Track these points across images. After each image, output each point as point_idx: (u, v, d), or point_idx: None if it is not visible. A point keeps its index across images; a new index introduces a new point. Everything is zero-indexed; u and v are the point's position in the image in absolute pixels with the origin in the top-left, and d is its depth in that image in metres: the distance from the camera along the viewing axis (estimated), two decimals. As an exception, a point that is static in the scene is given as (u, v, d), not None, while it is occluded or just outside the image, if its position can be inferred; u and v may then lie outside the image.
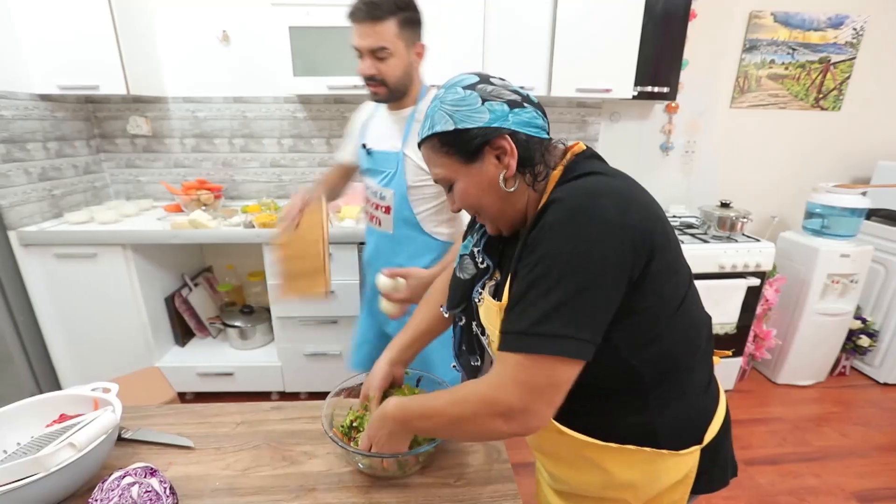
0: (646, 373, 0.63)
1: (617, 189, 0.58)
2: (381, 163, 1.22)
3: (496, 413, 0.57)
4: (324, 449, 0.87)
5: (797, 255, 2.28)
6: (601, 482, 0.71)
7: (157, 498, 0.70)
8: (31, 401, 0.88)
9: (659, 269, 0.58)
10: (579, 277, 0.53)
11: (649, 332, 0.61)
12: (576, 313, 0.53)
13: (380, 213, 1.26)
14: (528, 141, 0.63)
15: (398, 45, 1.07)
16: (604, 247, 0.53)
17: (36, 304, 1.86)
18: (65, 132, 2.04)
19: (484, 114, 0.61)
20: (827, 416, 2.17)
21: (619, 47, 1.95)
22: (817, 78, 2.46)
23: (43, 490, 0.71)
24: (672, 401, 0.66)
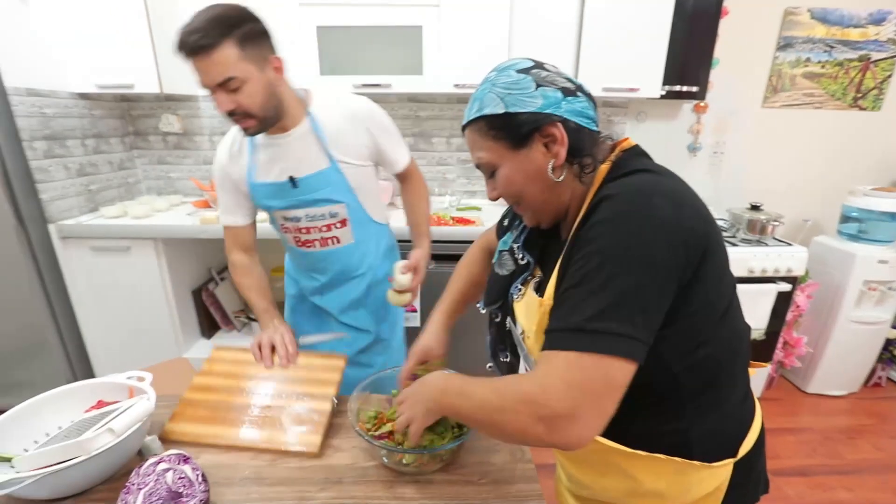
0: (686, 381, 0.60)
1: (670, 189, 0.56)
2: (314, 186, 1.09)
3: (539, 417, 0.51)
4: (349, 443, 0.88)
5: (832, 260, 2.20)
6: (627, 489, 0.69)
7: (189, 484, 0.72)
8: (70, 387, 0.92)
9: (707, 274, 0.55)
10: (634, 275, 0.51)
11: (695, 340, 0.58)
12: (632, 311, 0.51)
13: (336, 231, 1.16)
14: (579, 131, 0.61)
15: (247, 69, 0.90)
16: (658, 246, 0.51)
17: (72, 295, 1.94)
18: (101, 129, 2.12)
19: (537, 99, 0.59)
20: (860, 428, 2.09)
21: (647, 46, 1.91)
22: (856, 76, 2.37)
23: (83, 472, 0.74)
24: (709, 411, 0.63)
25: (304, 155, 1.06)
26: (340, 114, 1.07)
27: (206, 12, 0.86)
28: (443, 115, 2.33)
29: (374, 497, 0.76)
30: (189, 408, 0.94)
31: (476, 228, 1.90)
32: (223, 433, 0.88)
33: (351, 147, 1.09)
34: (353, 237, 1.20)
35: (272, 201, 1.12)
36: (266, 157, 1.08)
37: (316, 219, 1.13)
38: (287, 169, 1.07)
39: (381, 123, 1.15)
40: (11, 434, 0.81)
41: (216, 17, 0.86)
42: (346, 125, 1.07)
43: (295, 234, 1.18)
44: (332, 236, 1.17)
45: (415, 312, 1.97)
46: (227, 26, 0.86)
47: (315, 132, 1.05)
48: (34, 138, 1.75)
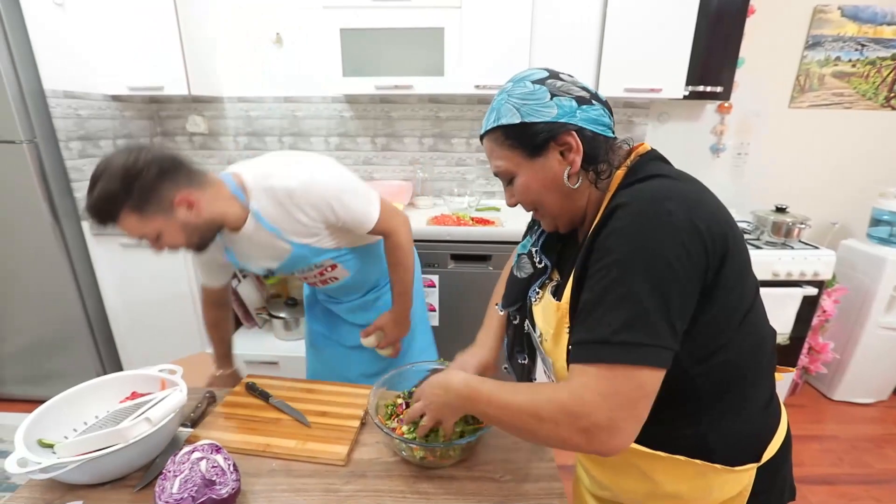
0: (706, 385, 0.60)
1: (683, 192, 0.56)
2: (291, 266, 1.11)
3: (579, 428, 0.53)
4: (373, 438, 0.90)
5: (861, 264, 2.14)
6: (646, 491, 0.69)
7: (222, 473, 0.74)
8: (106, 378, 0.96)
9: (727, 278, 0.55)
10: (655, 283, 0.51)
11: (713, 343, 0.58)
12: (656, 320, 0.51)
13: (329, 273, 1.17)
14: (594, 138, 0.62)
15: (153, 225, 0.87)
16: (676, 252, 0.52)
17: (103, 290, 2.01)
18: (131, 130, 2.19)
19: (552, 108, 0.60)
20: (890, 437, 2.03)
21: (670, 45, 1.89)
22: (889, 75, 2.30)
23: (121, 459, 0.77)
24: (730, 415, 0.63)
25: (265, 246, 1.03)
26: (271, 201, 0.96)
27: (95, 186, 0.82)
28: (463, 116, 2.34)
29: (396, 490, 0.78)
30: (219, 419, 0.96)
31: (495, 229, 1.90)
32: (251, 440, 0.89)
33: (305, 227, 1.00)
34: (348, 270, 1.19)
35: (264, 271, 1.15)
36: (237, 249, 1.07)
37: (305, 271, 1.16)
38: (258, 259, 1.09)
39: (321, 201, 0.97)
40: (52, 422, 0.85)
41: (104, 197, 0.81)
42: (280, 212, 0.97)
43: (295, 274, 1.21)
44: (329, 277, 1.19)
45: (434, 311, 1.98)
46: (116, 202, 0.82)
47: (264, 227, 0.98)
48: (70, 139, 1.82)
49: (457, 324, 2.00)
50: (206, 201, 0.92)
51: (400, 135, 2.38)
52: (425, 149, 2.41)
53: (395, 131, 2.38)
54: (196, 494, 0.70)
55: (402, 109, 2.33)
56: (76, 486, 0.78)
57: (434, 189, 2.46)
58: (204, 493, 0.70)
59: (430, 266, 1.92)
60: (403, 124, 2.36)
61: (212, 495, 0.71)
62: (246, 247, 1.05)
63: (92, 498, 0.76)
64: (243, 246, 1.05)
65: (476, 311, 2.00)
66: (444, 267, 1.92)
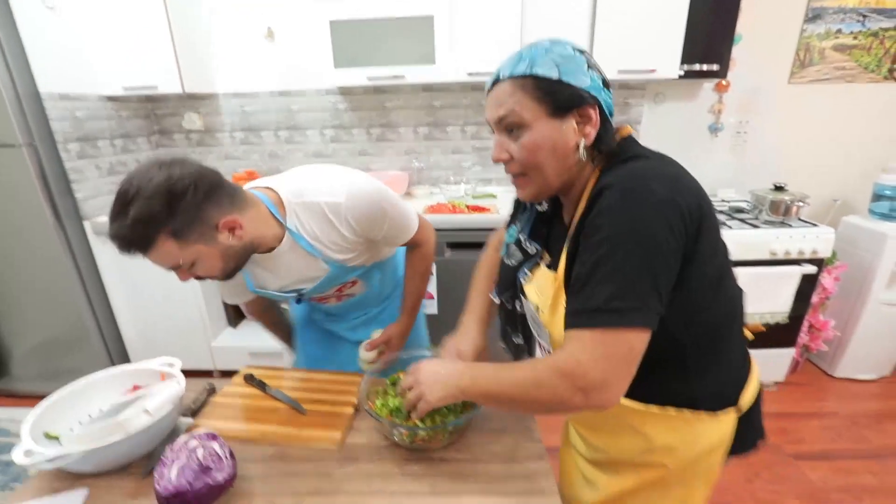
0: (689, 343, 0.67)
1: (663, 172, 0.61)
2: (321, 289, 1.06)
3: (577, 387, 0.59)
4: (366, 424, 0.93)
5: (862, 241, 2.12)
6: (641, 448, 0.74)
7: (219, 460, 0.77)
8: (108, 372, 0.99)
9: (703, 247, 0.61)
10: (641, 254, 0.57)
11: (695, 307, 0.64)
12: (643, 288, 0.57)
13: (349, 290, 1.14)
14: (606, 121, 0.65)
15: (192, 251, 0.79)
16: (660, 226, 0.57)
17: (108, 288, 2.06)
18: (128, 130, 2.21)
19: (587, 79, 0.62)
20: (890, 412, 2.03)
21: (664, 24, 1.86)
22: (892, 47, 2.24)
23: (123, 449, 0.80)
24: (711, 369, 0.70)
25: (298, 268, 0.97)
26: (313, 217, 0.91)
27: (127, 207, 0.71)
28: (458, 104, 2.33)
29: (387, 473, 0.80)
30: (218, 408, 0.99)
31: (491, 216, 1.91)
32: (249, 428, 0.92)
33: (339, 244, 0.95)
34: (365, 288, 1.17)
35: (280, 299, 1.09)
36: (260, 271, 1.00)
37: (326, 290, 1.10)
38: (286, 282, 1.01)
39: (362, 217, 0.93)
40: (58, 415, 0.88)
41: (142, 220, 0.71)
42: (323, 228, 0.92)
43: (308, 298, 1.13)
44: (347, 293, 1.16)
45: (432, 300, 2.01)
46: (155, 226, 0.73)
47: (301, 245, 0.92)
48: (68, 140, 1.85)
49: (455, 311, 1.99)
50: (248, 223, 0.83)
51: (395, 125, 2.38)
52: (421, 138, 2.40)
53: (390, 121, 2.38)
54: (193, 480, 0.73)
55: (396, 99, 2.33)
56: (82, 475, 0.82)
57: (430, 178, 2.46)
58: (200, 479, 0.73)
59: (426, 255, 1.94)
60: (398, 114, 2.36)
61: (208, 481, 0.73)
62: (275, 267, 0.97)
63: (97, 486, 0.80)
64: (273, 266, 0.97)
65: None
66: (441, 255, 1.93)
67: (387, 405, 0.87)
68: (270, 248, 0.92)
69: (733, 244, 1.89)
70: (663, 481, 0.76)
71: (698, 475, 0.76)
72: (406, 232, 1.03)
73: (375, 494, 0.76)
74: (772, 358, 2.13)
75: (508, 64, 0.65)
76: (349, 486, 0.78)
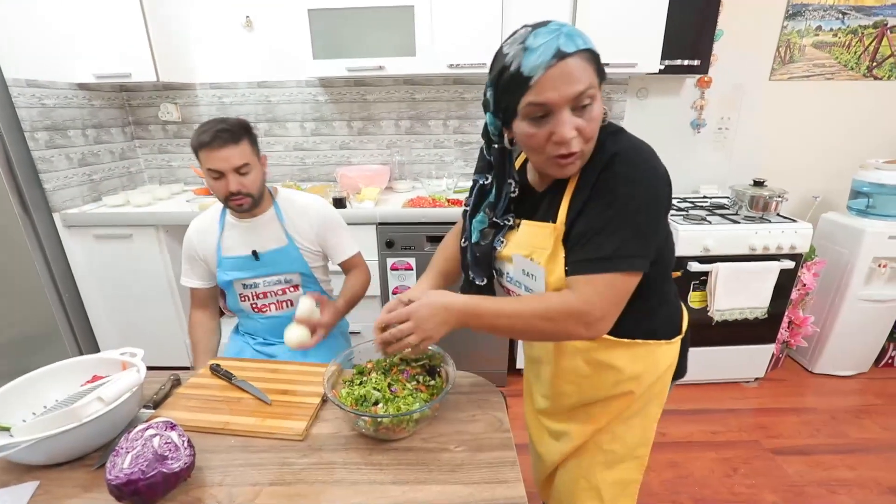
0: (650, 283, 0.77)
1: (652, 150, 0.73)
2: (274, 259, 1.31)
3: (585, 322, 0.70)
4: (332, 413, 0.91)
5: (840, 236, 2.14)
6: (614, 380, 0.87)
7: (175, 449, 0.74)
8: (67, 362, 0.96)
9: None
10: (649, 213, 0.70)
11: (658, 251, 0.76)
12: (645, 240, 0.70)
13: (291, 295, 1.36)
14: None
15: (254, 160, 1.20)
16: (660, 193, 0.71)
17: (79, 282, 2.00)
18: (102, 119, 2.16)
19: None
20: (868, 408, 2.05)
21: (644, 18, 1.86)
22: (871, 44, 2.27)
23: (76, 438, 0.77)
24: (663, 303, 0.88)
25: (267, 235, 1.30)
26: (296, 206, 1.33)
27: (226, 120, 1.17)
28: (440, 97, 2.31)
29: (351, 463, 0.78)
30: (181, 399, 0.97)
31: (471, 209, 1.89)
32: (211, 419, 0.89)
33: (304, 233, 1.32)
34: None
35: (237, 273, 1.31)
36: (235, 235, 1.30)
37: (272, 284, 1.33)
38: (251, 244, 1.29)
39: (327, 221, 1.34)
40: (11, 406, 0.85)
41: (239, 123, 1.18)
42: (301, 217, 1.32)
43: (252, 300, 1.35)
44: (287, 299, 1.36)
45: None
46: (246, 130, 1.19)
47: (278, 218, 1.30)
48: (35, 129, 1.79)
49: (436, 306, 2.00)
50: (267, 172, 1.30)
51: (376, 118, 2.36)
52: (402, 131, 2.38)
53: (371, 114, 2.35)
54: (146, 469, 0.70)
55: (377, 92, 2.31)
56: (34, 468, 0.78)
57: (412, 172, 2.44)
58: (154, 468, 0.70)
59: (406, 249, 1.91)
60: (379, 107, 2.34)
61: (162, 469, 0.71)
62: (250, 231, 1.29)
63: (49, 478, 0.77)
64: (248, 230, 1.29)
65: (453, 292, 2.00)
66: (420, 249, 1.91)
67: (352, 394, 0.85)
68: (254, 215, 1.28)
69: (713, 240, 1.90)
70: (629, 409, 0.90)
71: (654, 397, 0.91)
72: (345, 250, 1.38)
73: (336, 484, 0.74)
74: (752, 354, 2.14)
75: (564, 41, 0.64)
76: (310, 476, 0.76)
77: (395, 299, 0.88)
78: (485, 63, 1.91)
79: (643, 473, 0.97)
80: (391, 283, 1.97)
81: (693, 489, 1.62)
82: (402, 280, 1.95)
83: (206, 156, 1.15)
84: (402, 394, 0.84)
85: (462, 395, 0.95)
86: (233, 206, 1.23)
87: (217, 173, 1.17)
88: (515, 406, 2.02)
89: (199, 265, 1.35)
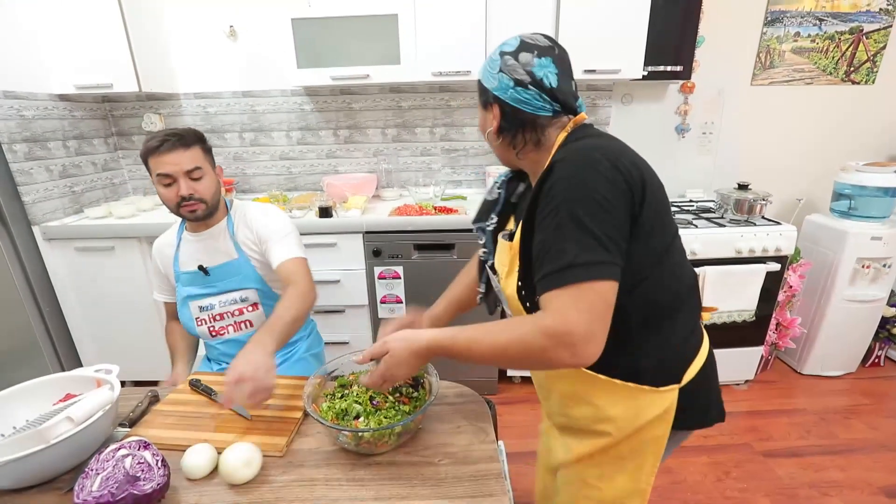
0: (633, 315, 0.72)
1: (607, 146, 0.69)
2: (225, 274, 1.24)
3: (565, 344, 0.61)
4: (314, 428, 0.89)
5: (824, 238, 2.16)
6: (592, 416, 0.81)
7: (148, 469, 0.72)
8: (39, 381, 0.93)
9: (647, 217, 0.68)
10: (596, 213, 0.63)
11: (637, 277, 0.70)
12: (605, 241, 0.63)
13: (248, 315, 1.27)
14: (517, 113, 0.75)
15: (206, 166, 1.17)
16: (607, 186, 0.64)
17: (60, 295, 1.96)
18: (83, 131, 2.13)
19: (494, 81, 0.76)
20: (856, 408, 2.06)
21: (627, 25, 1.88)
22: (848, 49, 2.32)
23: (46, 461, 0.74)
24: (654, 341, 0.76)
25: (217, 248, 1.25)
26: (242, 215, 1.29)
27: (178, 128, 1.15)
28: (425, 105, 2.32)
29: (332, 479, 0.76)
30: (159, 417, 0.94)
31: (458, 217, 1.89)
32: (189, 436, 0.87)
33: (249, 242, 1.26)
34: (265, 317, 1.27)
35: (190, 289, 1.26)
36: (188, 250, 1.26)
37: (228, 304, 1.27)
38: (200, 259, 1.25)
39: (266, 221, 1.27)
40: (-23, 428, 0.82)
41: (190, 130, 1.16)
42: (246, 224, 1.27)
43: (210, 323, 1.27)
44: (245, 320, 1.28)
45: (400, 304, 1.97)
46: (198, 138, 1.17)
47: (229, 230, 1.26)
48: (13, 141, 1.76)
49: (425, 314, 1.98)
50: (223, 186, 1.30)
51: (363, 126, 2.35)
52: (389, 140, 2.38)
53: (357, 123, 2.35)
54: (116, 491, 0.67)
55: (363, 100, 2.30)
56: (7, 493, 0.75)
57: (399, 180, 2.43)
58: (125, 490, 0.68)
59: (394, 257, 1.90)
60: (366, 115, 2.33)
61: (133, 491, 0.68)
62: (202, 245, 1.25)
63: (16, 503, 0.74)
64: (199, 244, 1.25)
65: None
66: (408, 258, 1.90)
67: (333, 408, 0.83)
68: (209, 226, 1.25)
69: (700, 243, 1.91)
70: (614, 450, 0.82)
71: (645, 446, 0.81)
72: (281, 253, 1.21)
73: (316, 502, 0.72)
74: (741, 356, 2.14)
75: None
76: (290, 494, 0.74)
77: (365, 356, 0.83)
78: (469, 70, 1.92)
79: None
80: (379, 293, 1.95)
81: (686, 494, 1.61)
82: (389, 289, 1.94)
83: (156, 161, 1.10)
84: (383, 406, 0.82)
85: (447, 406, 0.94)
86: (185, 214, 1.17)
87: (167, 178, 1.11)
88: (506, 415, 2.01)
89: (164, 280, 1.34)
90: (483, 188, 2.43)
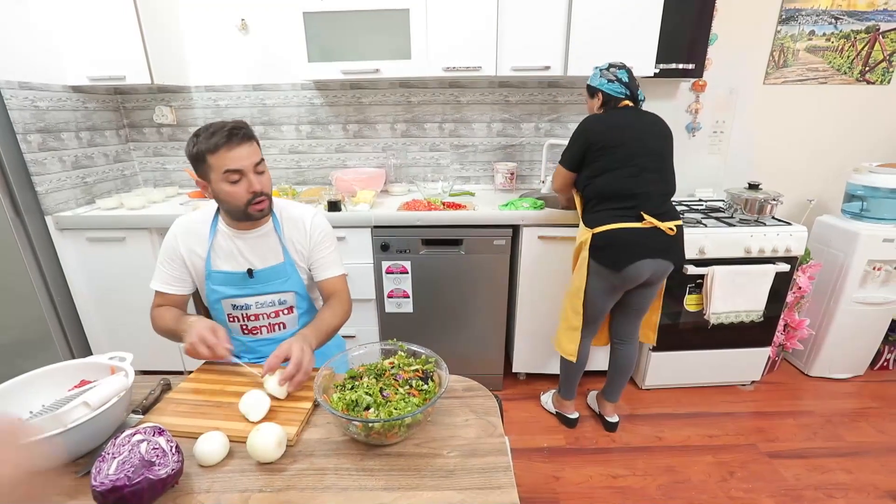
0: (586, 197, 1.65)
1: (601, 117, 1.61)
2: (269, 277, 1.19)
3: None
4: (325, 419, 0.90)
5: (835, 240, 2.14)
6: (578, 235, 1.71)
7: (163, 454, 0.73)
8: (54, 367, 0.94)
9: (589, 158, 1.59)
10: (570, 147, 1.64)
11: (584, 181, 1.63)
12: (568, 156, 1.65)
13: (284, 317, 1.24)
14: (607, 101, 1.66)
15: (263, 163, 1.12)
16: (579, 137, 1.61)
17: (72, 285, 1.98)
18: (96, 122, 2.14)
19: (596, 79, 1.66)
20: (864, 411, 2.05)
21: (639, 22, 1.87)
22: (863, 49, 2.29)
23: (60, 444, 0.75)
24: (591, 210, 1.62)
25: (264, 250, 1.19)
26: (291, 217, 1.22)
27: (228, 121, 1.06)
28: (435, 101, 2.31)
29: (342, 468, 0.77)
30: (171, 404, 0.95)
31: (465, 213, 1.89)
32: (201, 424, 0.88)
33: (298, 247, 1.22)
34: (298, 324, 1.27)
35: (226, 289, 1.19)
36: (228, 246, 1.17)
37: (265, 305, 1.22)
38: (246, 261, 1.18)
39: (322, 232, 1.24)
40: (-4, 412, 0.83)
41: (247, 126, 1.08)
42: (295, 228, 1.22)
43: (242, 322, 1.23)
44: (280, 322, 1.25)
45: (407, 298, 1.97)
46: (252, 132, 1.09)
47: (276, 231, 1.19)
48: (28, 131, 1.78)
49: (430, 308, 1.99)
50: None
51: (372, 121, 2.35)
52: (398, 134, 2.38)
53: (366, 117, 2.35)
54: (132, 475, 0.69)
55: (372, 95, 2.30)
56: (18, 475, 0.77)
57: (408, 175, 2.44)
58: (140, 474, 0.69)
59: (401, 252, 1.91)
60: (375, 110, 2.33)
61: (149, 475, 0.70)
62: (246, 245, 1.18)
63: (32, 486, 0.75)
64: (244, 244, 1.17)
65: (449, 296, 2.00)
66: (415, 253, 1.90)
67: (343, 399, 0.84)
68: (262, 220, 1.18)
69: (709, 242, 1.90)
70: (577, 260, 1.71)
71: (582, 260, 1.65)
72: (330, 268, 1.24)
73: (326, 490, 0.73)
74: (748, 357, 2.13)
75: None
76: (300, 483, 0.75)
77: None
78: (480, 66, 1.92)
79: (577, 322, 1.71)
80: (386, 287, 1.96)
81: (690, 494, 1.61)
82: (397, 283, 1.94)
83: (224, 156, 1.02)
84: (394, 398, 0.83)
85: (456, 400, 0.95)
86: (254, 212, 1.10)
87: (237, 174, 1.05)
88: (511, 410, 2.02)
89: (179, 269, 1.19)
90: (491, 184, 2.43)
